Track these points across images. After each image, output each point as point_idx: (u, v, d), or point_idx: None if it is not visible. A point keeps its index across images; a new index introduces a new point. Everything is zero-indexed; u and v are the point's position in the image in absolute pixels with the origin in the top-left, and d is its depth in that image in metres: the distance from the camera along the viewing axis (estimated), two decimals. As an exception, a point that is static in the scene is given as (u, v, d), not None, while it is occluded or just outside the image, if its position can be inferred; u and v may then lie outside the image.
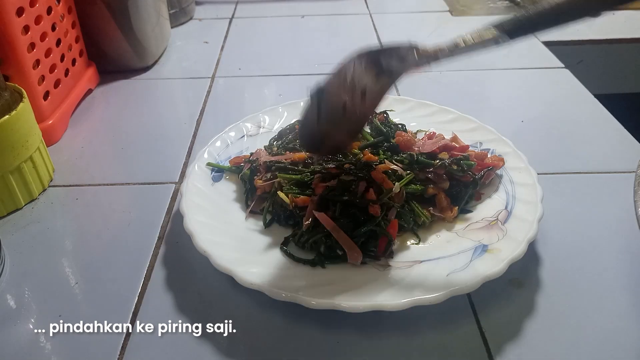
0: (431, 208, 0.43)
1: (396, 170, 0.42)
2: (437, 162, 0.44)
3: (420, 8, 0.95)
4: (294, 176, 0.43)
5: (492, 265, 0.36)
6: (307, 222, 0.40)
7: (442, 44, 0.34)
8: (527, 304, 0.37)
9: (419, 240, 0.41)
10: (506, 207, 0.42)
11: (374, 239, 0.39)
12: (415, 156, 0.44)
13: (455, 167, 0.44)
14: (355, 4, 0.97)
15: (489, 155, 0.47)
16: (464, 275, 0.36)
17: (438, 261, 0.38)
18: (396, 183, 0.41)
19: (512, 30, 0.32)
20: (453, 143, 0.47)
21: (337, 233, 0.39)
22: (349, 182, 0.41)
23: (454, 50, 0.34)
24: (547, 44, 0.78)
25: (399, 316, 0.35)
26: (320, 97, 0.37)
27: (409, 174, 0.42)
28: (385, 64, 0.35)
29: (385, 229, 0.39)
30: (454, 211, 0.42)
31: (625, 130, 0.57)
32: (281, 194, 0.42)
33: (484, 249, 0.38)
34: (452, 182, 0.44)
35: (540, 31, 0.32)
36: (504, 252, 0.37)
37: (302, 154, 0.45)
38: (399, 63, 0.35)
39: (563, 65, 0.72)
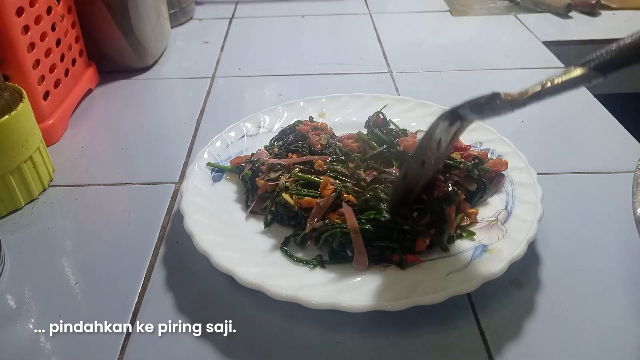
0: None
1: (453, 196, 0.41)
2: (461, 164, 0.43)
3: (420, 8, 0.95)
4: (315, 179, 0.42)
5: (492, 265, 0.36)
6: (312, 222, 0.40)
7: (527, 88, 0.32)
8: (527, 304, 0.37)
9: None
10: (506, 207, 0.42)
11: (388, 255, 0.39)
12: None
13: (475, 171, 0.44)
14: (355, 4, 0.97)
15: (489, 155, 0.47)
16: (464, 275, 0.36)
17: (438, 261, 0.38)
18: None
19: (604, 67, 0.30)
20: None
21: (355, 235, 0.38)
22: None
23: (541, 92, 0.32)
24: (547, 44, 0.78)
25: (399, 316, 0.35)
26: (407, 163, 0.41)
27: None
28: (462, 113, 0.35)
29: (405, 257, 0.38)
30: (475, 209, 0.42)
31: (625, 130, 0.57)
32: (285, 196, 0.42)
33: (484, 249, 0.38)
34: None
35: (633, 65, 0.30)
36: (504, 252, 0.37)
37: (315, 157, 0.45)
38: (475, 112, 0.34)
39: (563, 66, 0.72)
